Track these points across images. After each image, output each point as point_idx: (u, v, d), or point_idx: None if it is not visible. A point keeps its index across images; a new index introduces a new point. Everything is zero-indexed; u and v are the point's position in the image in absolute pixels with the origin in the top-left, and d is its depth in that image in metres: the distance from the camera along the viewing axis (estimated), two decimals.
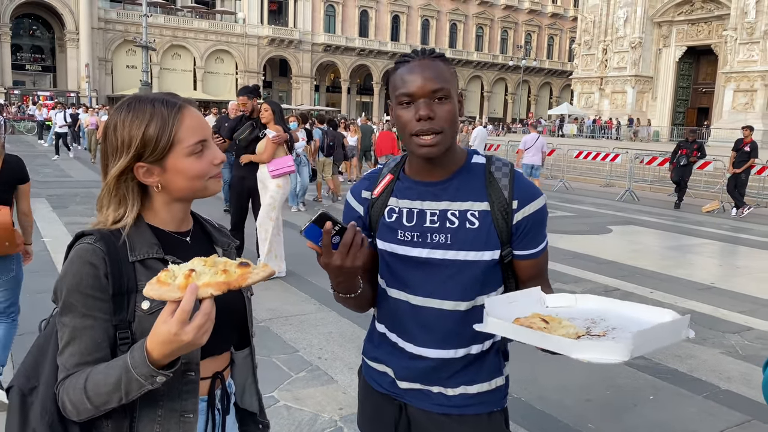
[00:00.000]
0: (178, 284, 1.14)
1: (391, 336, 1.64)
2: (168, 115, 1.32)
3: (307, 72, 57.56)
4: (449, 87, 1.48)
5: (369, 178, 1.68)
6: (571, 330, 1.27)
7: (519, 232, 1.55)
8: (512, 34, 67.55)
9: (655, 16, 39.84)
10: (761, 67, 32.95)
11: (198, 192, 1.38)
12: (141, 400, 1.29)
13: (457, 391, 1.59)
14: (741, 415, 3.85)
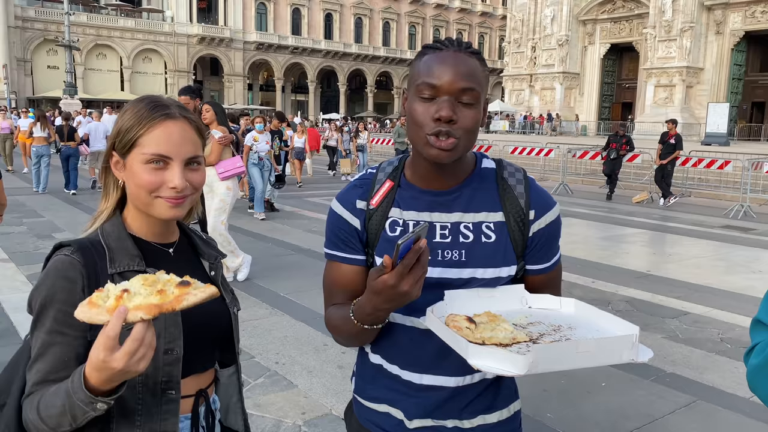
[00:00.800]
0: (108, 306, 1.06)
1: (391, 368, 1.43)
2: (144, 117, 1.29)
3: (239, 71, 56.58)
4: (480, 91, 1.27)
5: (361, 185, 1.44)
6: (502, 335, 1.18)
7: (534, 245, 1.39)
8: (444, 33, 68.45)
9: (580, 15, 41.26)
10: (679, 63, 34.69)
11: (144, 205, 1.30)
12: (117, 420, 1.24)
13: (475, 423, 1.41)
14: (687, 396, 4.05)
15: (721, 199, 15.01)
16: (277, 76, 59.40)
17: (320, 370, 4.36)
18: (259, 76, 61.59)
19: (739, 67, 36.32)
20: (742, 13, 34.23)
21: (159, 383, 1.27)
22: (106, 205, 1.35)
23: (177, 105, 1.34)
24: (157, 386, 1.27)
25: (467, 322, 1.19)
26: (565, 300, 1.36)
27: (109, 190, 1.36)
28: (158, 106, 1.31)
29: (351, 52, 62.07)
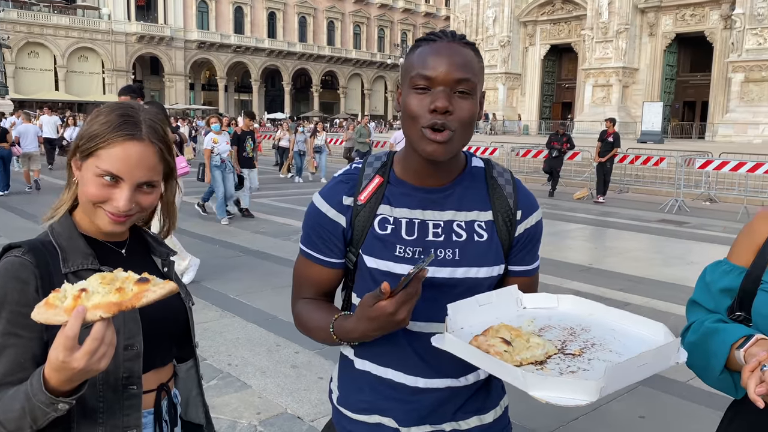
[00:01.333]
0: (66, 307, 1.04)
1: (383, 372, 1.38)
2: (109, 131, 1.27)
3: (180, 70, 55.38)
4: (476, 82, 1.24)
5: (347, 181, 1.39)
6: (538, 351, 1.13)
7: (518, 245, 1.38)
8: (389, 33, 68.82)
9: (521, 16, 42.19)
10: (615, 63, 35.93)
11: (88, 211, 1.30)
12: (78, 420, 1.24)
13: (472, 423, 1.39)
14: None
15: (656, 194, 15.64)
16: (219, 76, 58.43)
17: (274, 371, 4.35)
18: (201, 76, 60.44)
19: (671, 68, 37.92)
20: (673, 16, 35.74)
21: (120, 379, 1.27)
22: (67, 196, 1.35)
23: (149, 126, 1.31)
24: (118, 382, 1.27)
25: (504, 344, 1.13)
26: (562, 297, 1.32)
27: (70, 182, 1.36)
28: (127, 123, 1.28)
29: (295, 51, 61.64)
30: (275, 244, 8.68)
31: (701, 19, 34.95)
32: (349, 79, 66.61)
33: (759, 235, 1.32)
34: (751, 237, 1.34)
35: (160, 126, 1.33)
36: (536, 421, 3.69)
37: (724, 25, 33.26)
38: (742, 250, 1.35)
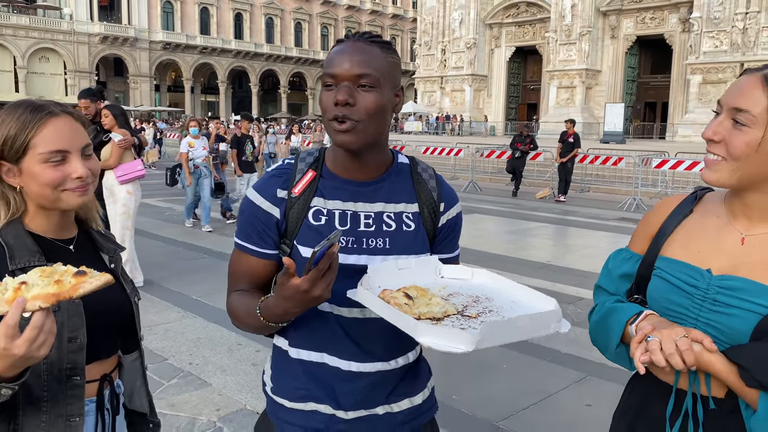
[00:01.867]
0: (6, 298, 1.11)
1: (317, 357, 1.44)
2: (29, 121, 1.34)
3: (145, 71, 54.60)
4: (379, 75, 1.33)
5: (281, 175, 1.45)
6: (436, 309, 1.24)
7: (441, 235, 1.50)
8: None
9: (486, 18, 42.70)
10: (578, 65, 36.64)
11: (51, 202, 1.37)
12: (24, 407, 1.30)
13: (403, 406, 1.48)
14: (578, 373, 4.42)
15: (616, 193, 16.04)
16: (185, 77, 57.77)
17: (234, 369, 4.41)
18: (167, 77, 59.67)
19: (632, 70, 38.81)
20: (634, 19, 36.59)
21: (64, 370, 1.34)
22: (10, 213, 1.37)
23: (54, 103, 1.40)
24: (62, 373, 1.34)
25: (405, 298, 1.23)
26: (477, 270, 1.43)
27: (7, 199, 1.38)
28: (38, 107, 1.37)
29: (262, 53, 61.28)
30: None
31: (661, 22, 35.85)
32: (317, 80, 66.36)
33: (652, 225, 1.46)
34: (645, 227, 1.48)
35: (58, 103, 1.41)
36: (488, 411, 3.83)
37: (683, 28, 34.18)
38: (639, 239, 1.49)
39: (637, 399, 1.43)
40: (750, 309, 1.21)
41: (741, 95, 1.24)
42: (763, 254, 1.25)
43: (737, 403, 1.22)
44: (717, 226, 1.34)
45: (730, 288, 1.25)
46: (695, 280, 1.29)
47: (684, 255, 1.35)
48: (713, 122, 1.30)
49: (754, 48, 29.78)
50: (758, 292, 1.21)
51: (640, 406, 1.40)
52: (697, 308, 1.28)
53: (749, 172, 1.24)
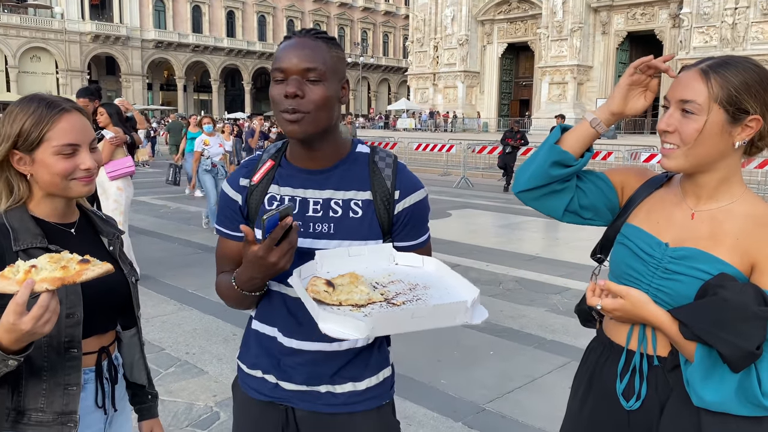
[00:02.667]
0: (18, 279, 1.24)
1: (269, 332, 1.56)
2: (44, 115, 1.47)
3: (138, 70, 54.54)
4: (325, 69, 1.41)
5: (247, 166, 1.59)
6: (357, 296, 1.29)
7: (399, 223, 1.53)
8: (349, 32, 68.92)
9: (478, 15, 42.88)
10: (570, 61, 36.88)
11: (60, 190, 1.51)
12: (26, 377, 1.45)
13: (346, 389, 1.54)
14: (563, 358, 4.58)
15: None
16: (178, 75, 57.73)
17: (230, 357, 4.55)
18: (160, 76, 59.61)
19: (623, 65, 38.99)
20: (625, 15, 36.87)
21: (62, 343, 1.48)
22: (13, 199, 1.50)
23: (64, 99, 1.55)
24: (60, 346, 1.48)
25: (326, 286, 1.30)
26: (428, 259, 1.47)
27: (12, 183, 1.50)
28: (52, 103, 1.50)
29: (255, 50, 61.28)
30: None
31: (651, 18, 36.14)
32: None
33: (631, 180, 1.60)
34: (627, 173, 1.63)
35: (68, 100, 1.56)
36: (475, 394, 3.98)
37: (673, 23, 34.48)
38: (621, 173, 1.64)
39: (594, 359, 1.59)
40: (695, 275, 1.37)
41: (685, 88, 1.40)
42: (708, 228, 1.41)
43: (678, 361, 1.38)
44: (673, 203, 1.50)
45: (681, 257, 1.41)
46: (652, 250, 1.45)
47: (646, 225, 1.51)
48: (665, 116, 1.46)
49: (744, 43, 30.09)
50: (703, 259, 1.37)
51: (596, 364, 1.57)
52: (651, 275, 1.44)
53: (699, 155, 1.39)
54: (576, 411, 1.63)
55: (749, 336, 1.23)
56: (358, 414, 1.54)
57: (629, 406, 1.45)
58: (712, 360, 1.29)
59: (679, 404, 1.37)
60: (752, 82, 1.36)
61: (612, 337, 1.53)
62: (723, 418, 1.31)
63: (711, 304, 1.28)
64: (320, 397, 1.53)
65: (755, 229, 1.36)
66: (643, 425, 1.44)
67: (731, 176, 1.42)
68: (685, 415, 1.35)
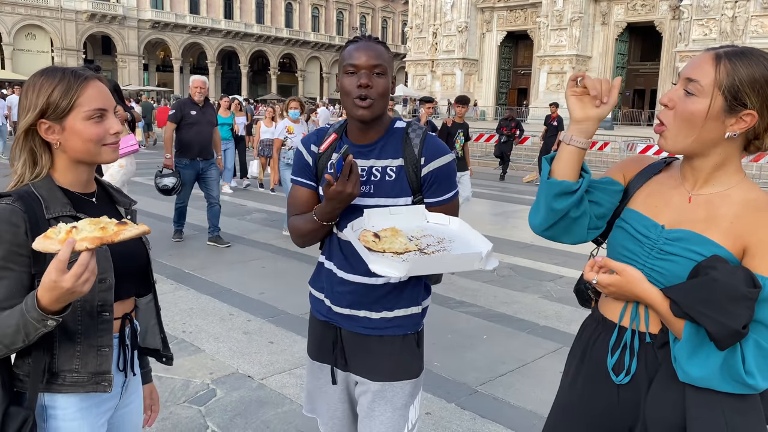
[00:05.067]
0: (59, 239, 1.29)
1: (328, 265, 1.98)
2: (73, 83, 1.51)
3: (134, 50, 54.07)
4: (386, 66, 1.82)
5: (318, 134, 2.00)
6: (397, 246, 1.62)
7: (426, 183, 1.87)
8: (347, 16, 68.47)
9: (478, 2, 42.62)
10: (569, 51, 36.74)
11: (92, 155, 1.55)
12: (60, 340, 1.50)
13: (380, 315, 1.91)
14: (555, 343, 4.64)
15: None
16: (174, 57, 57.29)
17: (226, 336, 4.60)
18: (156, 56, 59.17)
19: (622, 56, 38.96)
20: (625, 6, 36.69)
21: (95, 307, 1.54)
22: (45, 168, 1.55)
23: (83, 68, 1.61)
24: (93, 310, 1.53)
25: (373, 237, 1.64)
26: (453, 219, 1.82)
27: (36, 154, 1.55)
28: (76, 72, 1.55)
29: (252, 33, 60.84)
30: (230, 222, 8.85)
31: (651, 9, 35.99)
32: (307, 62, 66.16)
33: (629, 169, 1.64)
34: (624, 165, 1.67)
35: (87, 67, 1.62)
36: (468, 376, 4.05)
37: (673, 15, 34.33)
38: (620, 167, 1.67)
39: (587, 335, 1.63)
40: (689, 257, 1.41)
41: (694, 68, 1.42)
42: (705, 211, 1.45)
43: (667, 338, 1.43)
44: (671, 186, 1.54)
45: (675, 238, 1.45)
46: (648, 231, 1.49)
47: (644, 208, 1.55)
48: (670, 91, 1.48)
49: (743, 36, 30.02)
50: (698, 241, 1.41)
51: (589, 340, 1.61)
52: (646, 255, 1.48)
53: (698, 139, 1.42)
54: (567, 385, 1.68)
55: (736, 316, 1.27)
56: (387, 337, 1.92)
57: (619, 381, 1.50)
58: (699, 338, 1.33)
59: (665, 380, 1.41)
60: (760, 77, 1.36)
61: (605, 314, 1.58)
62: (706, 394, 1.36)
63: (701, 284, 1.32)
64: (359, 321, 1.92)
65: (749, 213, 1.39)
66: (632, 399, 1.49)
67: (728, 163, 1.45)
68: (670, 390, 1.40)
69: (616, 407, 1.52)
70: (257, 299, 5.52)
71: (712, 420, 1.35)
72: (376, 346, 1.93)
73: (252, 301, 5.46)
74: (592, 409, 1.57)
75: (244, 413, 3.51)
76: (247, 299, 5.51)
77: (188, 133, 7.26)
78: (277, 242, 7.71)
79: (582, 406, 1.60)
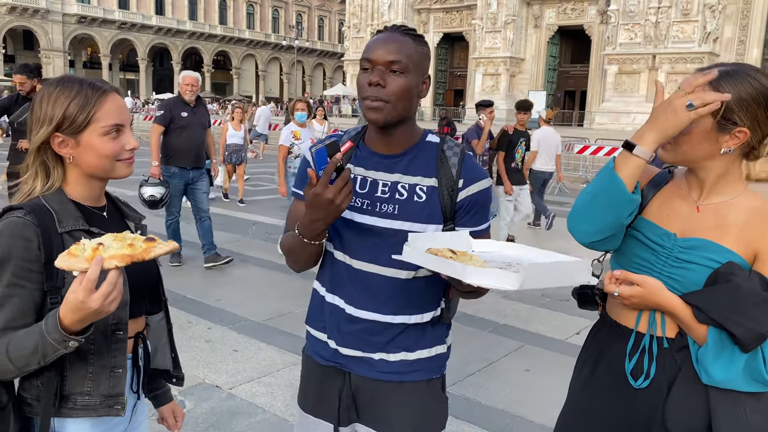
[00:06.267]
0: (86, 256, 1.23)
1: (330, 297, 1.67)
2: (91, 97, 1.45)
3: (58, 46, 51.77)
4: (408, 63, 1.51)
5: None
6: (477, 263, 1.32)
7: (462, 210, 1.60)
8: (283, 14, 67.77)
9: (415, 4, 43.07)
10: (503, 53, 37.65)
11: (106, 171, 1.49)
12: (71, 360, 1.42)
13: (398, 357, 1.62)
14: (516, 342, 4.76)
15: None
16: (103, 53, 55.19)
17: (187, 345, 4.48)
18: (83, 53, 56.82)
19: (554, 59, 40.26)
20: (556, 9, 37.92)
21: (109, 325, 1.46)
22: (57, 183, 1.48)
23: (101, 80, 1.53)
24: (107, 328, 1.46)
25: (450, 253, 1.35)
26: (507, 244, 1.52)
27: (49, 167, 1.48)
28: (93, 85, 1.48)
29: (185, 30, 59.32)
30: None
31: (581, 14, 37.33)
32: (242, 59, 65.05)
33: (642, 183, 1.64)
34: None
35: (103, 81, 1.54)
36: None
37: (601, 19, 35.72)
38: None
39: (601, 339, 1.69)
40: (706, 264, 1.48)
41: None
42: (714, 219, 1.52)
43: (685, 342, 1.50)
44: (680, 196, 1.60)
45: (690, 247, 1.51)
46: (662, 240, 1.55)
47: (656, 218, 1.60)
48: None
49: (665, 41, 31.54)
50: (712, 249, 1.49)
51: (604, 345, 1.66)
52: (662, 264, 1.54)
53: (685, 152, 1.49)
54: (579, 389, 1.73)
55: (761, 320, 1.35)
56: (408, 383, 1.63)
57: (638, 385, 1.56)
58: (722, 341, 1.41)
59: (687, 382, 1.48)
60: (747, 96, 1.42)
61: (619, 320, 1.63)
62: (729, 394, 1.44)
63: (726, 291, 1.39)
64: (374, 364, 1.63)
65: (757, 221, 1.48)
66: (649, 403, 1.54)
67: (729, 174, 1.53)
68: (693, 392, 1.47)
69: (634, 411, 1.57)
70: (215, 306, 5.40)
71: (737, 418, 1.44)
72: (395, 394, 1.64)
73: (210, 309, 5.34)
74: (608, 412, 1.62)
75: (216, 425, 3.43)
76: (204, 306, 5.38)
77: (178, 138, 6.26)
78: (230, 247, 7.56)
79: (597, 410, 1.65)
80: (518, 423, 3.58)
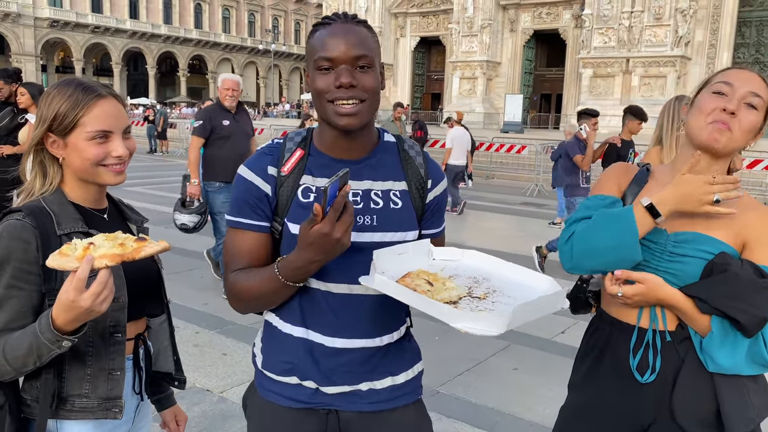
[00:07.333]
0: (77, 256, 1.24)
1: (305, 334, 1.46)
2: (80, 100, 1.45)
3: (30, 50, 50.92)
4: (373, 56, 1.36)
5: (270, 153, 1.46)
6: (453, 293, 1.28)
7: (429, 211, 1.51)
8: (259, 18, 67.50)
9: (392, 8, 43.20)
10: (480, 57, 37.92)
11: (89, 175, 1.49)
12: (69, 362, 1.43)
13: (386, 384, 1.50)
14: (503, 342, 4.82)
15: (519, 179, 16.95)
16: (76, 57, 54.40)
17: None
18: (55, 57, 55.97)
19: (530, 62, 40.66)
20: (531, 14, 38.31)
21: (107, 328, 1.47)
22: (55, 181, 1.50)
23: (100, 84, 1.53)
24: (105, 330, 1.47)
25: (428, 285, 1.27)
26: (466, 252, 1.46)
27: (46, 167, 1.50)
28: (88, 88, 1.48)
29: (160, 34, 58.74)
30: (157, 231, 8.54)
31: (556, 18, 37.76)
32: (218, 63, 64.58)
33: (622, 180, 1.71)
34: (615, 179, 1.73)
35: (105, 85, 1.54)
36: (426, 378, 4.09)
37: (575, 24, 36.18)
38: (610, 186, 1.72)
39: (602, 337, 1.72)
40: (700, 256, 1.53)
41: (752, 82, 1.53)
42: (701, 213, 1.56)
43: (686, 333, 1.56)
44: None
45: (682, 240, 1.57)
46: (654, 236, 1.60)
47: None
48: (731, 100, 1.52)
49: (638, 45, 32.05)
50: (704, 241, 1.54)
51: (605, 342, 1.69)
52: (657, 260, 1.59)
53: (738, 144, 1.55)
54: (579, 386, 1.76)
55: (761, 305, 1.42)
56: (399, 409, 1.51)
57: (644, 380, 1.59)
58: (725, 329, 1.47)
59: (691, 372, 1.54)
60: None
61: (619, 317, 1.66)
62: (733, 380, 1.51)
63: (725, 280, 1.45)
64: (362, 396, 1.48)
65: (742, 211, 1.53)
66: (655, 396, 1.59)
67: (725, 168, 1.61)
68: (699, 381, 1.53)
69: (641, 405, 1.61)
70: (202, 310, 5.39)
71: (741, 401, 1.51)
72: (386, 425, 1.50)
73: (197, 313, 5.32)
74: (615, 408, 1.65)
75: (209, 428, 3.43)
76: (191, 311, 5.36)
77: (221, 150, 5.56)
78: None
79: (603, 406, 1.68)
80: (508, 420, 3.64)
